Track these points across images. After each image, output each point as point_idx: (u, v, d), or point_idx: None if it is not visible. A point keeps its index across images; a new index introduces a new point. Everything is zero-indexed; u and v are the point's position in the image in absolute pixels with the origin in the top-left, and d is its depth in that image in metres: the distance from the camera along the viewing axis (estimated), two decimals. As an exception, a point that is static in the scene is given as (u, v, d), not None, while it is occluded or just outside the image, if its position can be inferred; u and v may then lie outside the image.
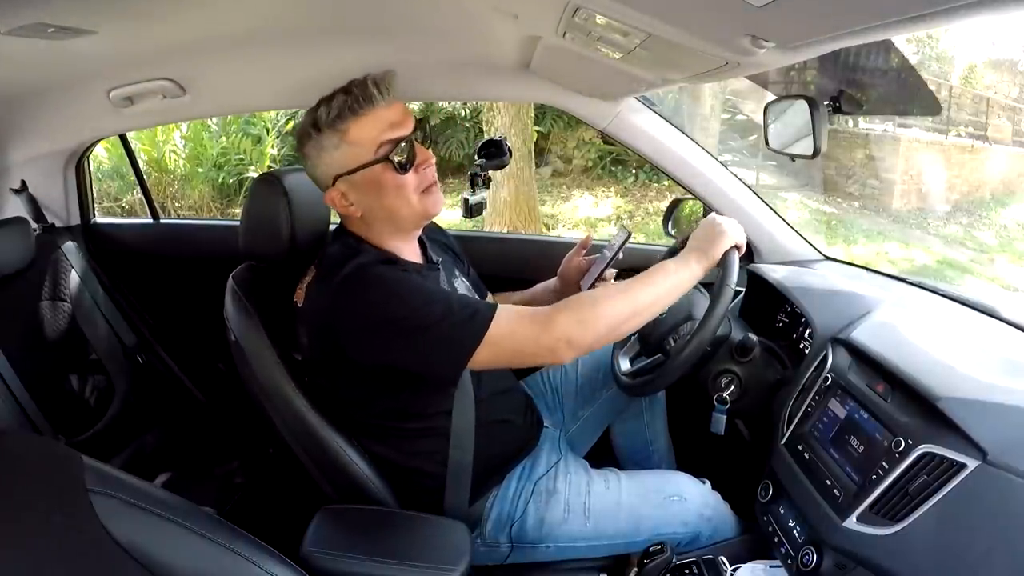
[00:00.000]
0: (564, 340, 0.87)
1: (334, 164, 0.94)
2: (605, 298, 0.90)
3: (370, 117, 0.92)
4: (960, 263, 5.62)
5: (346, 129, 0.91)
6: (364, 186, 0.94)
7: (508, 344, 0.87)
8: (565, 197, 6.37)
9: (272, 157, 5.71)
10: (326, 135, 0.92)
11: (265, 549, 0.58)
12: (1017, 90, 8.21)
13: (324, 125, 0.92)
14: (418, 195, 0.96)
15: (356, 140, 0.92)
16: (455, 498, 1.01)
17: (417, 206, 0.96)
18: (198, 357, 1.83)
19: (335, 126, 0.91)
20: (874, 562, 0.78)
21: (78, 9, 0.90)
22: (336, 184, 0.95)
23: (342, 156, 0.93)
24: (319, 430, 0.97)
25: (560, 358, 0.89)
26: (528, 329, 0.88)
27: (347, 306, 0.89)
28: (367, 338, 0.88)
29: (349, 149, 0.92)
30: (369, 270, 0.90)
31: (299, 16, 1.10)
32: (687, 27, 0.65)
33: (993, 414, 0.76)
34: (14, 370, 1.38)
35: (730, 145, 6.97)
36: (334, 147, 0.93)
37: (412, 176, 0.94)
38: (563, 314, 0.88)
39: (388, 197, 0.94)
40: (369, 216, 0.97)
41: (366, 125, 0.92)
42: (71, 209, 1.73)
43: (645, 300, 0.92)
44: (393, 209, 0.95)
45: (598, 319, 0.88)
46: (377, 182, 0.93)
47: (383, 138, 0.92)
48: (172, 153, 5.56)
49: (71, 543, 0.46)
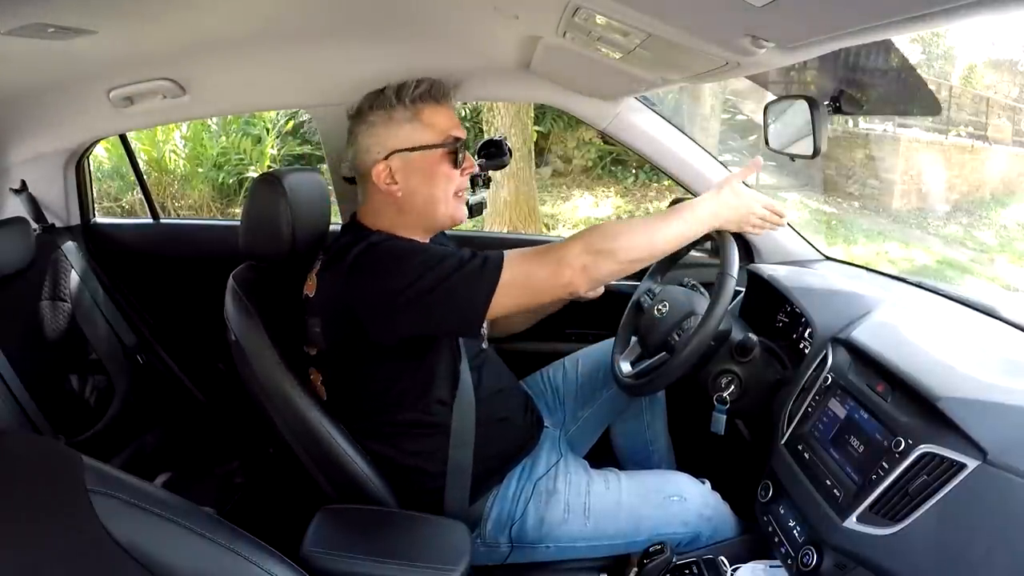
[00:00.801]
0: (580, 269, 0.90)
1: (399, 137, 0.98)
2: (625, 230, 0.94)
3: (445, 109, 1.01)
4: (960, 263, 5.62)
5: (422, 108, 0.98)
6: (418, 168, 0.98)
7: (525, 282, 0.90)
8: (565, 197, 6.37)
9: (272, 157, 5.71)
10: (401, 108, 0.98)
11: (265, 549, 0.58)
12: (1017, 90, 8.22)
13: (407, 98, 0.98)
14: (453, 197, 1.02)
15: (429, 122, 0.98)
16: (455, 498, 1.01)
17: (451, 204, 1.02)
18: (198, 357, 1.83)
19: (416, 103, 0.98)
20: (874, 562, 0.78)
21: (78, 9, 0.90)
22: (390, 158, 0.98)
23: (410, 132, 0.98)
24: (319, 430, 0.97)
25: (577, 289, 0.91)
26: (543, 267, 0.91)
27: (362, 284, 0.90)
28: (386, 312, 0.90)
29: (419, 127, 0.98)
30: (378, 246, 0.93)
31: (299, 17, 1.10)
32: (687, 27, 0.66)
33: (993, 414, 0.76)
34: (14, 370, 1.38)
35: (730, 145, 6.97)
36: (406, 120, 0.98)
37: (459, 175, 1.01)
38: (579, 244, 0.91)
39: (435, 186, 0.99)
40: (407, 201, 1.00)
41: (441, 114, 1.00)
42: (71, 209, 1.73)
43: (661, 238, 0.96)
44: (433, 199, 1.00)
45: (615, 251, 0.91)
46: (432, 168, 0.98)
47: (453, 132, 1.00)
48: (172, 153, 5.56)
49: (71, 543, 0.46)
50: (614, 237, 0.92)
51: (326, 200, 1.14)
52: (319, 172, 1.17)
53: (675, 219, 0.97)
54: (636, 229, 0.96)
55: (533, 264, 0.91)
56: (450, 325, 0.93)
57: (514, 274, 0.89)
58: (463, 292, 0.89)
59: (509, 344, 1.30)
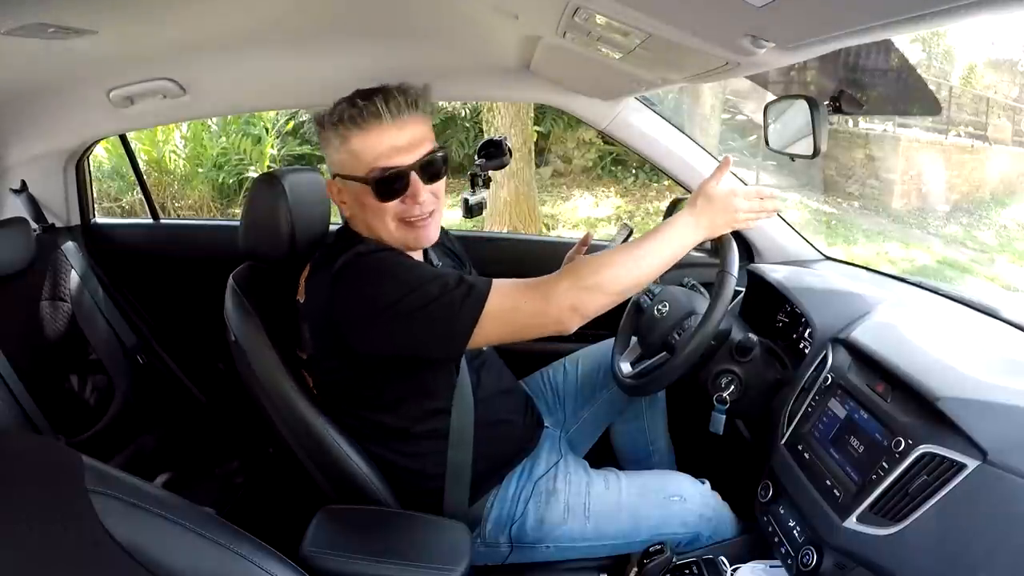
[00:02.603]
0: (568, 308, 0.86)
1: (334, 162, 0.95)
2: (609, 262, 0.89)
3: (374, 133, 0.89)
4: (960, 263, 5.62)
5: (347, 136, 0.90)
6: (351, 196, 0.95)
7: (511, 317, 0.87)
8: (565, 197, 6.37)
9: (272, 157, 5.71)
10: (331, 132, 0.92)
11: (265, 549, 0.58)
12: (1017, 90, 8.21)
13: (327, 124, 0.92)
14: (396, 223, 0.93)
15: (355, 151, 0.91)
16: (455, 498, 1.01)
17: (395, 234, 0.94)
18: (198, 357, 1.83)
19: (337, 129, 0.91)
20: (874, 562, 0.78)
21: (78, 9, 0.90)
22: (335, 179, 0.96)
23: (341, 160, 0.93)
24: (319, 430, 0.97)
25: (567, 327, 0.87)
26: (530, 301, 0.87)
27: (344, 295, 0.89)
28: (367, 326, 0.88)
29: (348, 157, 0.92)
30: (365, 257, 0.91)
31: (299, 17, 1.10)
32: (687, 27, 0.65)
33: (993, 414, 0.76)
34: (14, 370, 1.38)
35: (730, 145, 6.97)
36: (335, 149, 0.93)
37: (396, 205, 0.92)
38: (566, 281, 0.87)
39: (368, 216, 0.94)
40: (354, 221, 0.99)
41: (367, 140, 0.90)
42: (71, 209, 1.73)
43: (647, 265, 0.91)
44: (373, 228, 0.95)
45: (603, 284, 0.87)
46: (361, 199, 0.93)
47: (377, 163, 0.90)
48: (172, 153, 5.56)
49: (71, 543, 0.46)
50: (598, 271, 0.88)
51: (326, 200, 1.14)
52: (319, 172, 1.17)
53: (658, 243, 0.92)
54: (621, 259, 0.90)
55: (520, 298, 0.87)
56: (429, 350, 0.90)
57: (499, 306, 0.85)
58: (443, 320, 0.85)
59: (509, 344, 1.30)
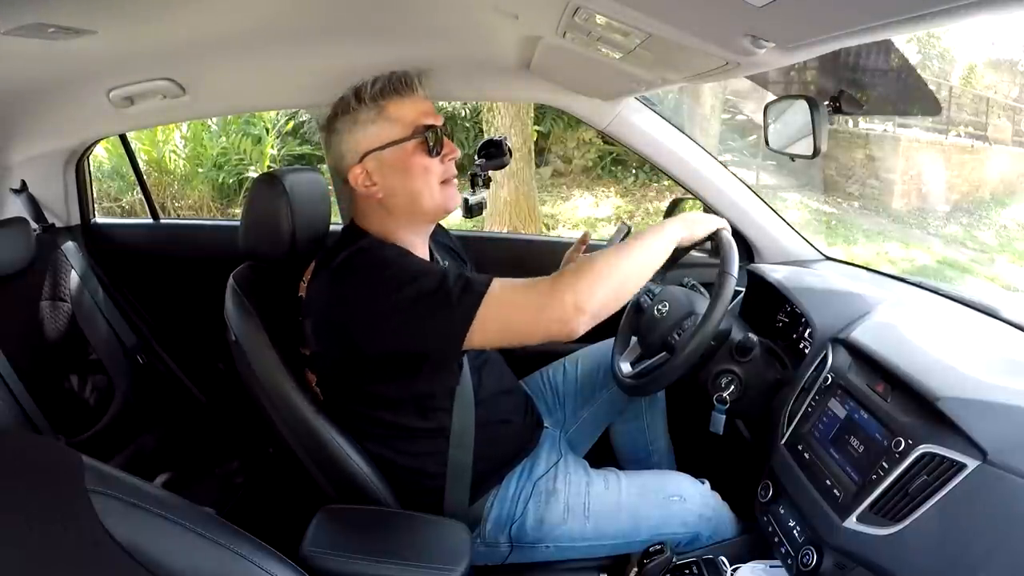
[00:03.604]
0: (572, 305, 0.83)
1: (367, 138, 0.95)
2: (603, 262, 0.88)
3: (410, 100, 0.96)
4: (960, 263, 5.62)
5: (386, 105, 0.94)
6: (392, 165, 0.95)
7: (510, 314, 0.85)
8: (565, 197, 6.37)
9: (272, 157, 5.71)
10: (364, 109, 0.95)
11: (265, 549, 0.58)
12: (1017, 90, 8.21)
13: (367, 97, 0.94)
14: (440, 185, 0.97)
15: (395, 117, 0.95)
16: (455, 498, 1.01)
17: (437, 195, 0.97)
18: (198, 357, 1.83)
19: (377, 100, 0.94)
20: (874, 562, 0.78)
21: (78, 9, 0.90)
22: (364, 160, 0.95)
23: (377, 131, 0.95)
24: (319, 430, 0.97)
25: (572, 327, 0.84)
26: (530, 299, 0.86)
27: (344, 292, 0.89)
28: (371, 324, 0.88)
29: (386, 124, 0.94)
30: (367, 252, 0.91)
31: (299, 16, 1.10)
32: (687, 27, 0.65)
33: (993, 414, 0.76)
34: (14, 370, 1.38)
35: (730, 145, 6.97)
36: (371, 121, 0.95)
37: (438, 164, 0.97)
38: (565, 280, 0.86)
39: (413, 179, 0.95)
40: (389, 200, 0.97)
41: (407, 106, 0.95)
42: (71, 209, 1.73)
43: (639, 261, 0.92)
44: (415, 193, 0.96)
45: (601, 281, 0.86)
46: (406, 162, 0.95)
47: (421, 121, 0.95)
48: (172, 153, 5.56)
49: (71, 543, 0.46)
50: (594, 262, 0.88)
51: (326, 200, 1.14)
52: (319, 172, 1.17)
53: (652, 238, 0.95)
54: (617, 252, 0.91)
55: (520, 294, 0.86)
56: (428, 344, 0.89)
57: (498, 300, 0.85)
58: (442, 312, 0.85)
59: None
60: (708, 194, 1.39)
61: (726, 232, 1.04)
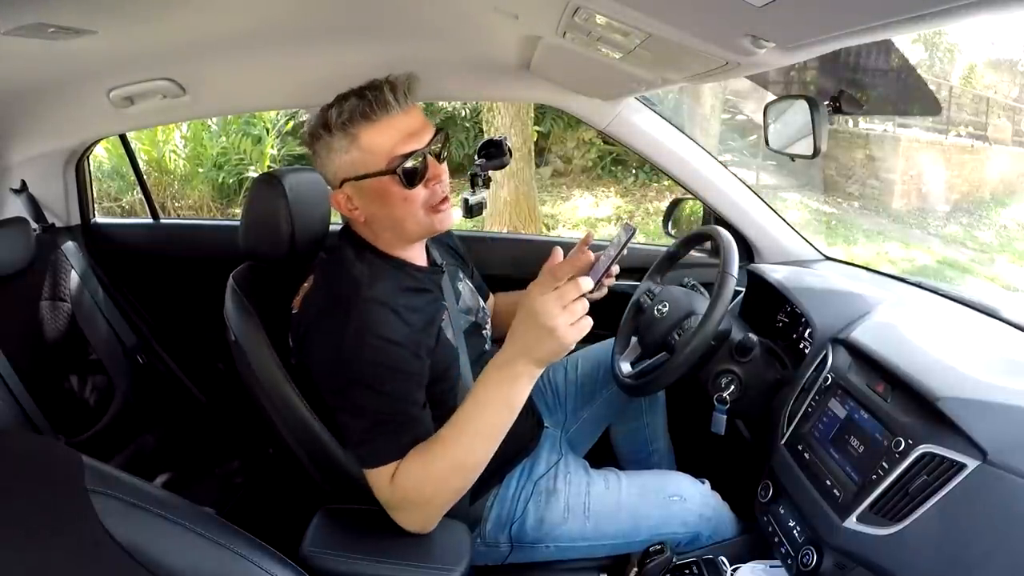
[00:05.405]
0: (420, 528, 0.86)
1: (343, 167, 0.89)
2: (439, 471, 0.83)
3: (384, 125, 0.87)
4: (960, 263, 5.62)
5: (357, 134, 0.87)
6: (371, 194, 0.90)
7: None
8: (565, 197, 6.37)
9: (272, 157, 5.70)
10: (336, 137, 0.87)
11: (265, 549, 0.58)
12: (1017, 90, 8.21)
13: (334, 126, 0.87)
14: (425, 210, 0.91)
15: (368, 147, 0.87)
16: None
17: (423, 221, 0.92)
18: (198, 357, 1.83)
19: (347, 128, 0.86)
20: (874, 562, 0.78)
21: (78, 9, 0.90)
22: (343, 187, 0.91)
23: (351, 161, 0.88)
24: (319, 430, 0.97)
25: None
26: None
27: (324, 329, 0.87)
28: (327, 371, 0.88)
29: (360, 155, 0.87)
30: (360, 306, 0.86)
31: (299, 16, 1.10)
32: (687, 27, 0.65)
33: (993, 414, 0.76)
34: (14, 370, 1.38)
35: (730, 145, 6.97)
36: (344, 150, 0.88)
37: (421, 190, 0.90)
38: (403, 513, 0.85)
39: (394, 208, 0.90)
40: (374, 223, 0.94)
41: (380, 133, 0.87)
42: (71, 209, 1.73)
43: (474, 451, 0.82)
44: (398, 220, 0.92)
45: (437, 499, 0.84)
46: (384, 192, 0.89)
47: (396, 151, 0.87)
48: (172, 153, 5.56)
49: (71, 543, 0.46)
50: (422, 487, 0.83)
51: (326, 200, 1.14)
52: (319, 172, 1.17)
53: (475, 436, 0.82)
54: (443, 471, 0.83)
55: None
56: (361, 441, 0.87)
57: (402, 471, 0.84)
58: (379, 428, 0.85)
59: None
60: (708, 194, 1.40)
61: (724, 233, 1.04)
